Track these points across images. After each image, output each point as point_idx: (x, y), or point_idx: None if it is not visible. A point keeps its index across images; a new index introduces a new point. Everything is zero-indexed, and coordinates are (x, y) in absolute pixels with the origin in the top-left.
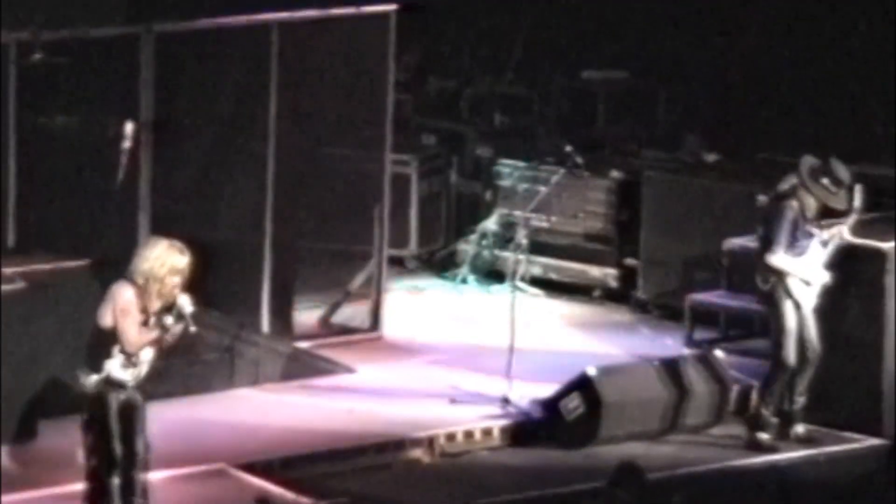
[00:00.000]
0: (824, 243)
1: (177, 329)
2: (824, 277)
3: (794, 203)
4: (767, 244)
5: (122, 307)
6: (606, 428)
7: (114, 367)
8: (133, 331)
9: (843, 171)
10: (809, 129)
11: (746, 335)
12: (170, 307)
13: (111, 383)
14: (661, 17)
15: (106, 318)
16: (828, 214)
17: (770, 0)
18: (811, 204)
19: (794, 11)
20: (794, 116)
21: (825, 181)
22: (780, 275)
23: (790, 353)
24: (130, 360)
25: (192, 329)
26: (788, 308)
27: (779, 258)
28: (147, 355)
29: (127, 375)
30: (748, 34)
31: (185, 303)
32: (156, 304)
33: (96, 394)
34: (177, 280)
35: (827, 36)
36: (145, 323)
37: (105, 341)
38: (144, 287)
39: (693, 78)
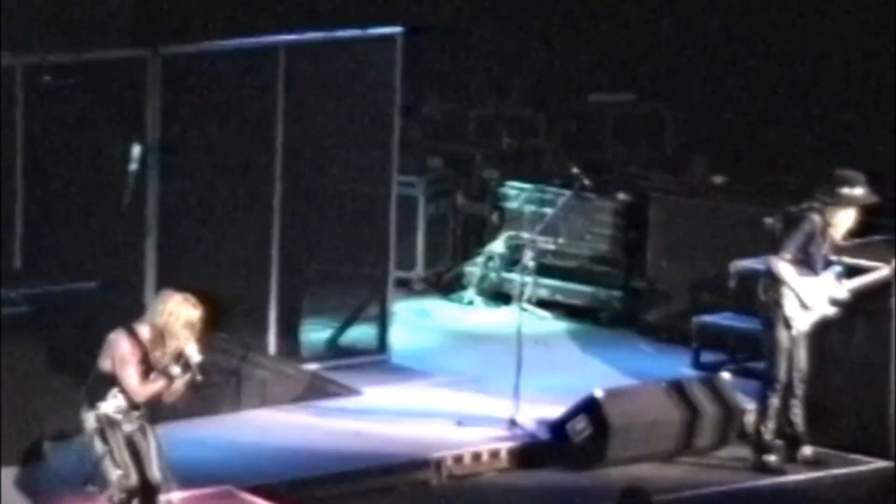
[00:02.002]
0: (839, 277)
1: (183, 379)
2: (827, 310)
3: (816, 217)
4: (776, 252)
5: (119, 357)
6: (613, 450)
7: (109, 408)
8: (134, 381)
9: (852, 173)
10: (816, 151)
11: (754, 357)
12: (178, 356)
13: (109, 421)
14: (667, 39)
15: (105, 364)
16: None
17: (778, 21)
18: (837, 223)
19: (801, 33)
20: (801, 139)
21: (843, 190)
22: (777, 286)
23: (781, 371)
24: (131, 404)
25: (199, 378)
26: (781, 325)
27: (782, 265)
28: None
29: (125, 418)
30: (755, 56)
31: (193, 352)
32: (167, 356)
33: (98, 428)
34: (188, 333)
35: (835, 58)
36: (148, 372)
37: (103, 382)
38: (156, 339)
39: (700, 100)
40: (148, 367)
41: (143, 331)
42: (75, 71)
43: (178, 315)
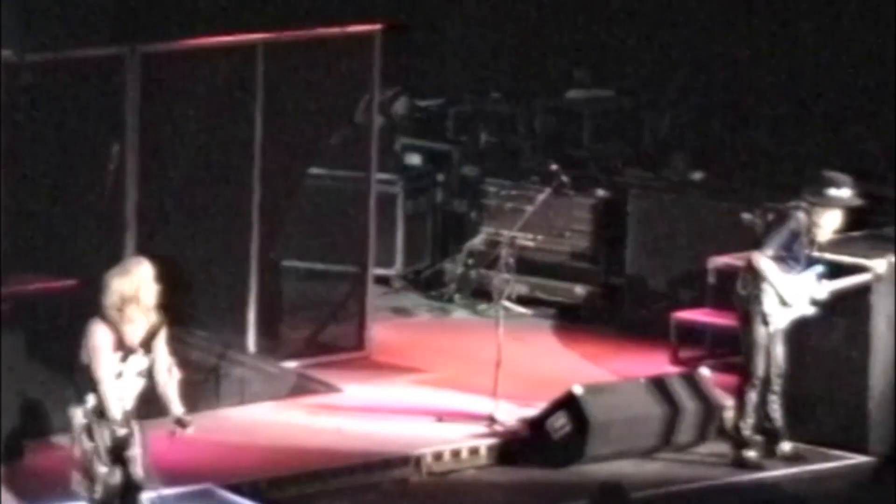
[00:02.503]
0: (820, 278)
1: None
2: (805, 309)
3: (802, 215)
4: (759, 247)
5: (92, 345)
6: (593, 447)
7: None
8: (102, 371)
9: (839, 175)
10: (796, 146)
11: (732, 353)
12: (153, 334)
13: (97, 414)
14: (646, 35)
15: (83, 356)
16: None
17: (757, 18)
18: (822, 224)
19: (780, 29)
20: (780, 134)
21: (829, 191)
22: (757, 282)
23: (758, 367)
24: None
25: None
26: (759, 321)
27: (764, 261)
28: (133, 390)
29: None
30: (734, 52)
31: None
32: (135, 332)
33: (86, 424)
34: (152, 291)
35: (814, 52)
36: (126, 356)
37: (85, 376)
38: (120, 316)
39: (678, 97)
40: (129, 350)
41: (114, 314)
42: (54, 69)
43: (131, 280)
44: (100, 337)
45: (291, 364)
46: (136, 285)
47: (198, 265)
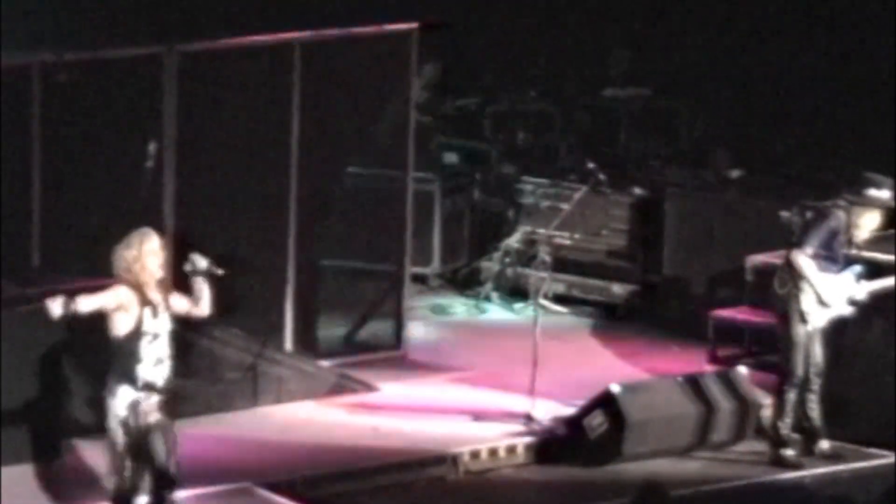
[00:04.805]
0: (859, 278)
1: (201, 272)
2: (843, 309)
3: (842, 214)
4: (798, 245)
5: (109, 302)
6: (630, 445)
7: (146, 369)
8: (87, 297)
9: (880, 176)
10: (835, 144)
11: (770, 352)
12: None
13: (134, 405)
14: (682, 33)
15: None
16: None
17: (796, 14)
18: (861, 224)
19: (821, 26)
20: (819, 132)
21: (870, 191)
22: (796, 280)
23: (798, 365)
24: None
25: (219, 272)
26: (797, 319)
27: (803, 259)
28: (168, 350)
29: (157, 375)
30: (773, 48)
31: (197, 259)
32: (155, 293)
33: (124, 419)
34: (157, 260)
35: (854, 50)
36: (156, 313)
37: (121, 354)
38: (136, 279)
39: (715, 95)
40: (154, 308)
41: (128, 277)
42: (92, 69)
43: (132, 246)
44: (117, 289)
45: (328, 363)
46: (135, 252)
47: (235, 263)
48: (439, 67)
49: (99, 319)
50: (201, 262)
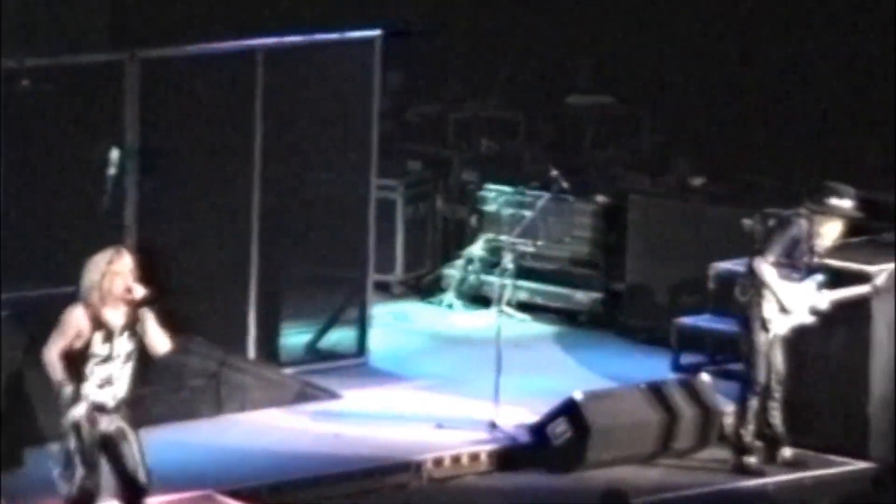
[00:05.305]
0: (820, 287)
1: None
2: (805, 317)
3: (804, 222)
4: (760, 253)
5: (60, 320)
6: (593, 452)
7: (91, 389)
8: (53, 344)
9: (842, 186)
10: (797, 153)
11: (733, 359)
12: (136, 319)
13: (89, 411)
14: (645, 40)
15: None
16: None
17: (755, 22)
18: (822, 233)
19: (780, 33)
20: (782, 140)
21: (832, 200)
22: (757, 288)
23: (760, 373)
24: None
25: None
26: (759, 327)
27: (765, 267)
28: (123, 371)
29: (105, 396)
30: (735, 57)
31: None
32: (114, 316)
33: (75, 424)
34: (119, 281)
35: (816, 59)
36: (110, 338)
37: (74, 364)
38: (93, 301)
39: (678, 102)
40: (109, 333)
41: (90, 297)
42: (54, 75)
43: (100, 267)
44: (72, 316)
45: (291, 370)
46: (101, 272)
47: (198, 271)
48: (402, 75)
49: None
50: (139, 291)
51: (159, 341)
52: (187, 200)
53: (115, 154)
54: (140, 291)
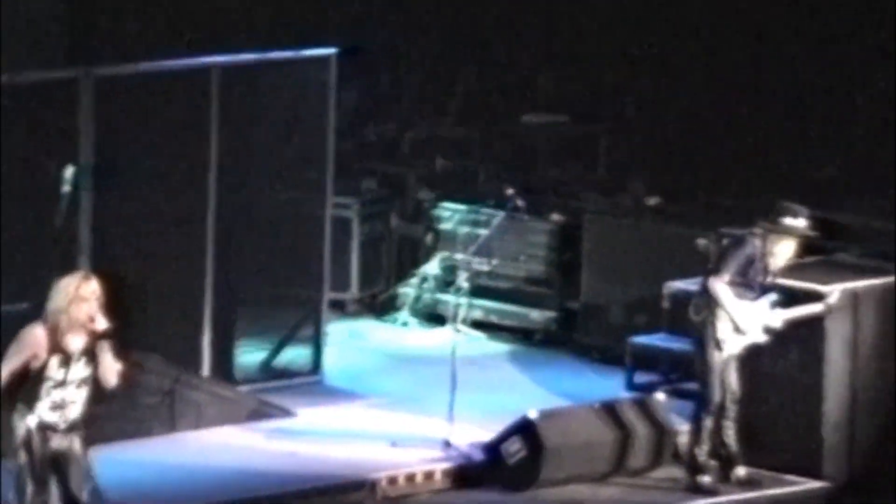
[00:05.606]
0: (774, 306)
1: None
2: (758, 337)
3: (757, 241)
4: (715, 272)
5: (17, 339)
6: (548, 471)
7: (42, 411)
8: (7, 362)
9: (796, 205)
10: (752, 172)
11: (687, 378)
12: (93, 349)
13: (41, 427)
14: (602, 59)
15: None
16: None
17: (711, 42)
18: (776, 252)
19: (735, 53)
20: (736, 160)
21: (785, 219)
22: (711, 307)
23: (714, 392)
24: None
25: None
26: (713, 347)
27: (719, 286)
28: (77, 395)
29: (56, 418)
30: (690, 77)
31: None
32: (75, 341)
33: (26, 439)
34: (84, 308)
35: (771, 79)
36: (67, 362)
37: (28, 384)
38: (56, 325)
39: (634, 121)
40: (66, 357)
41: (54, 320)
42: (8, 92)
43: (65, 292)
44: (30, 336)
45: (246, 388)
46: (68, 298)
47: (153, 288)
48: (358, 93)
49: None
50: (101, 323)
51: (111, 374)
52: (142, 218)
53: (69, 171)
54: (102, 324)
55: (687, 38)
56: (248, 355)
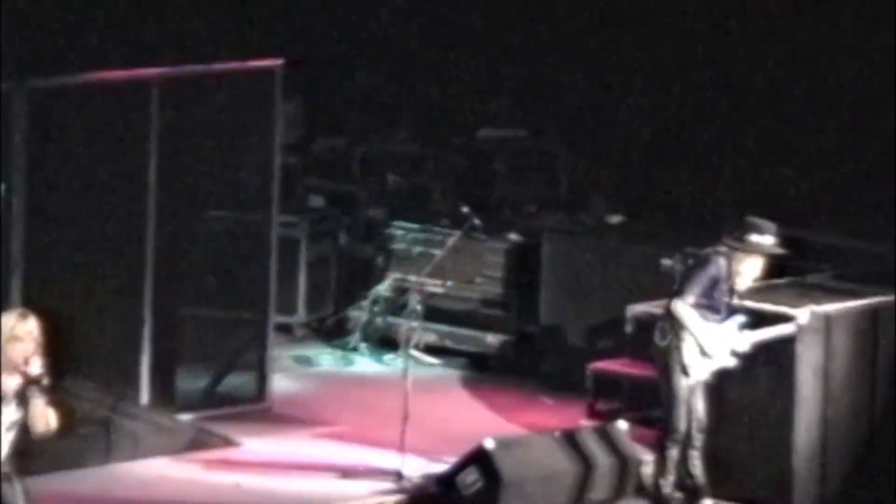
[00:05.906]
0: (742, 328)
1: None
2: (726, 361)
3: (722, 260)
4: (678, 294)
5: None
6: (506, 503)
7: None
8: None
9: (763, 221)
10: (718, 189)
11: (651, 405)
12: (25, 392)
13: None
14: (560, 73)
15: None
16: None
17: (673, 58)
18: (743, 271)
19: (699, 69)
20: (701, 176)
21: (752, 237)
22: (677, 330)
23: (680, 420)
24: None
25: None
26: (679, 372)
27: (684, 308)
28: (4, 439)
29: None
30: (652, 93)
31: (35, 366)
32: (7, 382)
33: None
34: (20, 347)
35: (737, 95)
36: None
37: None
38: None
39: (595, 137)
40: None
41: None
42: None
43: (6, 332)
44: None
45: (187, 416)
46: (3, 337)
47: (88, 311)
48: (305, 106)
49: None
50: (36, 367)
51: (41, 421)
52: (77, 237)
53: (1, 188)
54: (37, 369)
55: (652, 53)
56: (190, 381)
